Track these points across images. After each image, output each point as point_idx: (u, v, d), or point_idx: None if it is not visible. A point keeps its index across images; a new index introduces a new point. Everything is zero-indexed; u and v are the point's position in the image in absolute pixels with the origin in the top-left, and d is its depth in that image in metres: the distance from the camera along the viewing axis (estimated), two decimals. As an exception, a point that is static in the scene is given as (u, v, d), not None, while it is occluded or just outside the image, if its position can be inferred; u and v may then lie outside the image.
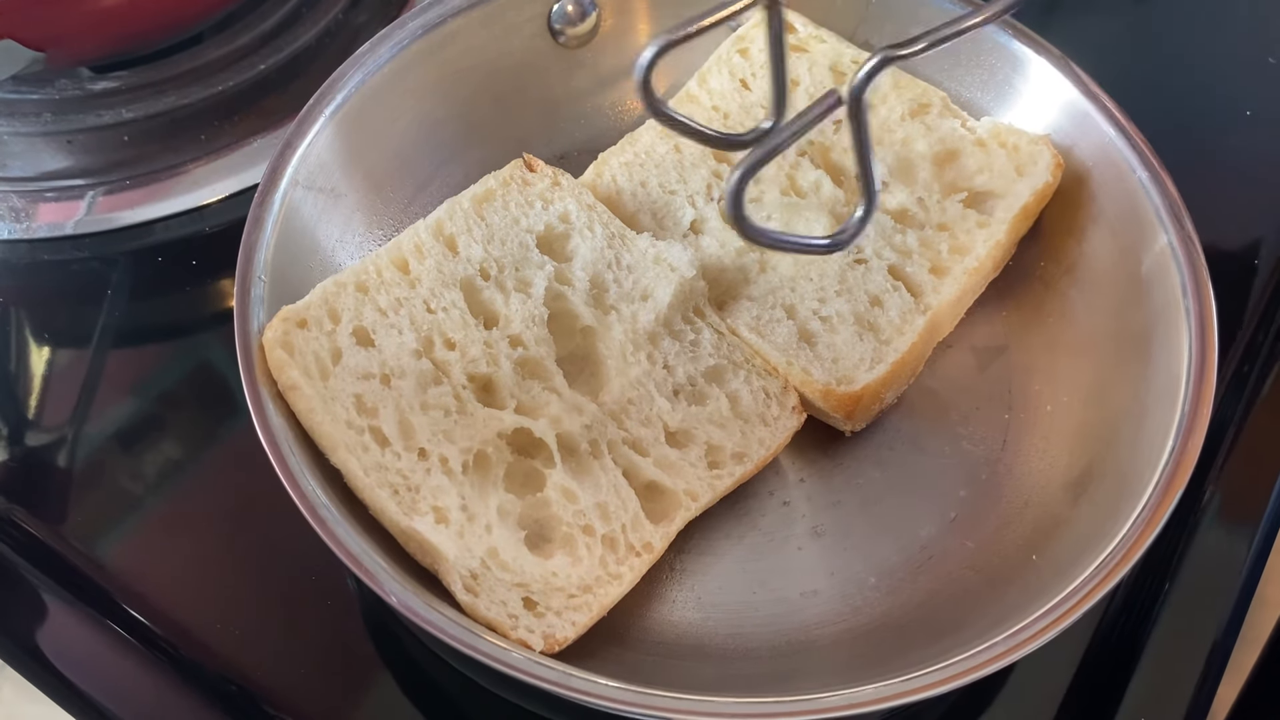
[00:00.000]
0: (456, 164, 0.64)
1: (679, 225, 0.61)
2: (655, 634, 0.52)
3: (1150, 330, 0.55)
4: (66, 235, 0.67)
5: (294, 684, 0.53)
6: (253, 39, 0.73)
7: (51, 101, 0.69)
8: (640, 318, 0.56)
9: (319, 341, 0.51)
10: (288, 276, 0.54)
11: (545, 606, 0.48)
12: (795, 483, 0.58)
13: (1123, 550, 0.47)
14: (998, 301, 0.62)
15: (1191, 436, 0.49)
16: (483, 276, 0.55)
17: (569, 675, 0.43)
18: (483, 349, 0.53)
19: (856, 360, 0.56)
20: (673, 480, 0.52)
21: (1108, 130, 0.59)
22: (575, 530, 0.50)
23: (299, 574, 0.56)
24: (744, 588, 0.54)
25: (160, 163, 0.70)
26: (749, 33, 0.66)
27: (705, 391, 0.55)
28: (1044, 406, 0.59)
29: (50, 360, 0.64)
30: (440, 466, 0.49)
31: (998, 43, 0.63)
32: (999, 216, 0.60)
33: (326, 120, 0.58)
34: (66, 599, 0.55)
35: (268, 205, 0.54)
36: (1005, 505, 0.56)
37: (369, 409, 0.50)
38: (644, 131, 0.64)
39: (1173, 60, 0.81)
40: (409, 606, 0.44)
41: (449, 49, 0.63)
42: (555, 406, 0.53)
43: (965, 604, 0.52)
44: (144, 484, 0.59)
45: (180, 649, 0.54)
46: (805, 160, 0.63)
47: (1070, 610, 0.45)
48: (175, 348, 0.65)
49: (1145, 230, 0.57)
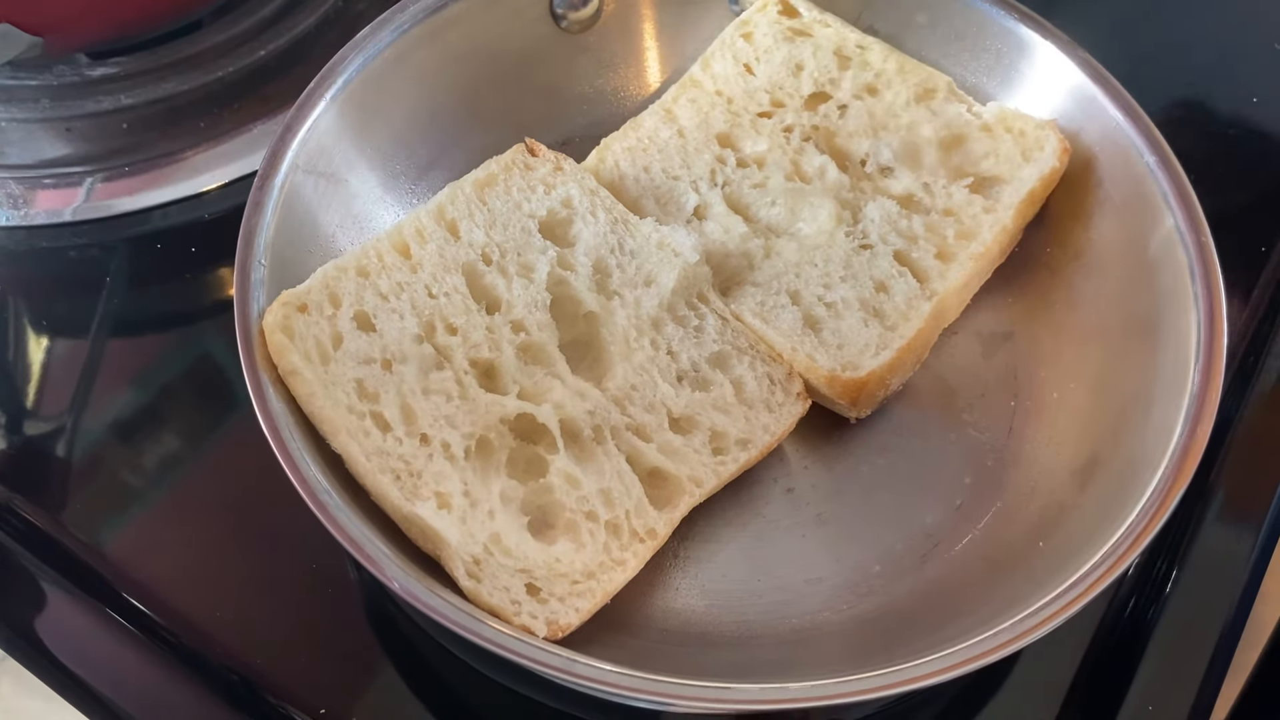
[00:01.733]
0: (458, 149, 0.64)
1: (683, 210, 0.60)
2: (659, 621, 0.52)
3: (1157, 316, 0.54)
4: (65, 222, 0.67)
5: (295, 672, 0.53)
6: (252, 25, 0.73)
7: (50, 87, 0.69)
8: (644, 303, 0.56)
9: (319, 326, 0.51)
10: (288, 261, 0.53)
11: (549, 593, 0.47)
12: (800, 470, 0.57)
13: (1130, 538, 0.47)
14: (1004, 288, 0.62)
15: (1199, 423, 0.49)
16: (485, 261, 0.55)
17: (572, 661, 0.43)
18: (485, 334, 0.53)
19: (862, 346, 0.56)
20: (676, 466, 0.52)
21: (1115, 115, 0.59)
22: (579, 516, 0.50)
23: (300, 562, 0.55)
24: (748, 575, 0.54)
25: (159, 149, 0.69)
26: (753, 17, 0.66)
27: (709, 377, 0.55)
28: (1050, 393, 0.58)
29: (49, 348, 0.64)
30: (442, 452, 0.49)
31: (1004, 27, 0.63)
32: (1005, 202, 0.60)
33: (328, 104, 0.57)
34: (66, 588, 0.55)
35: (268, 189, 0.54)
36: (1011, 492, 0.56)
37: (370, 394, 0.50)
38: (647, 116, 0.64)
39: (1180, 46, 0.80)
40: (411, 592, 0.44)
41: (451, 33, 0.62)
42: (558, 392, 0.52)
43: (970, 591, 0.51)
44: (144, 472, 0.59)
45: (181, 638, 0.53)
46: (810, 145, 0.62)
47: (1077, 598, 0.45)
48: (175, 335, 0.65)
49: (1152, 215, 0.56)
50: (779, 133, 0.63)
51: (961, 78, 0.64)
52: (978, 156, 0.62)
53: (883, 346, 0.56)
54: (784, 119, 0.63)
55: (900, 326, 0.57)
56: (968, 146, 0.62)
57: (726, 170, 0.62)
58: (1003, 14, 0.62)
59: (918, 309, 0.57)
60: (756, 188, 0.61)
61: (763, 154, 0.63)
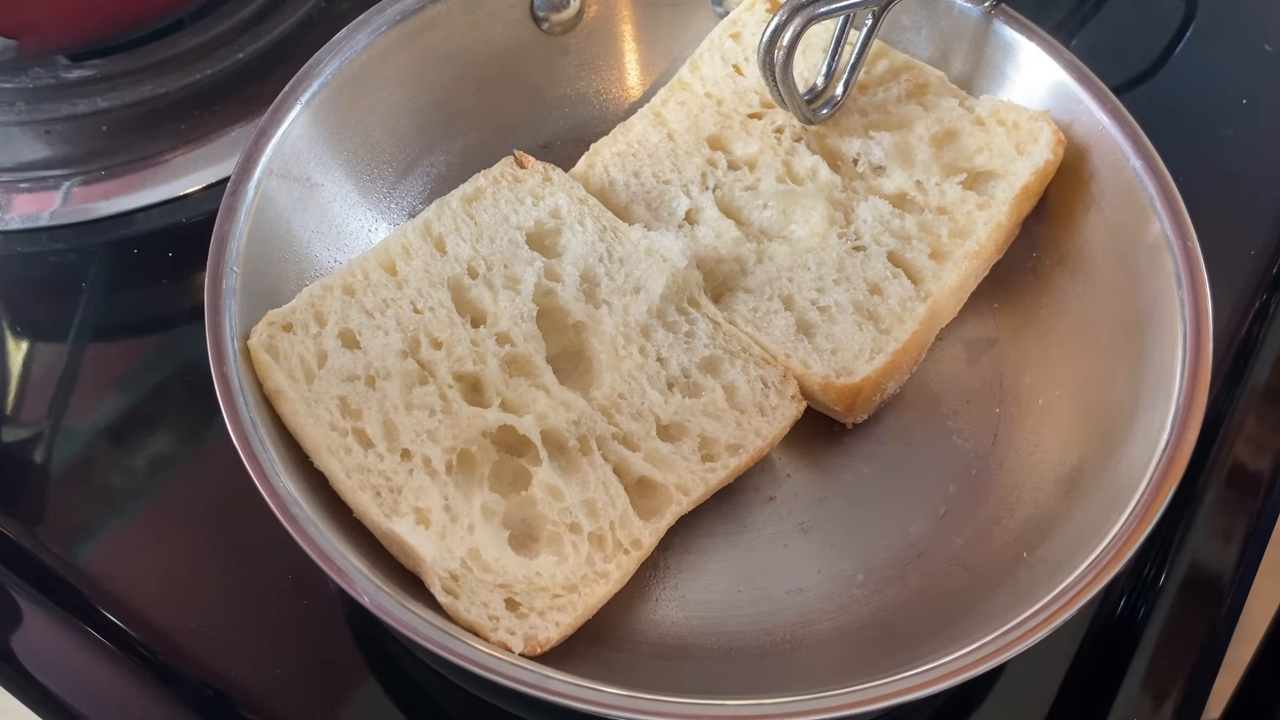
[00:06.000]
0: (438, 152, 0.63)
1: (674, 215, 0.60)
2: (638, 633, 0.52)
3: (1144, 322, 0.54)
4: (42, 226, 0.66)
5: (273, 687, 0.52)
6: (232, 26, 0.72)
7: (26, 90, 0.68)
8: (632, 310, 0.55)
9: (304, 345, 0.51)
10: (261, 269, 0.53)
11: (528, 607, 0.47)
12: (783, 478, 0.57)
13: (1115, 547, 0.46)
14: (989, 293, 0.61)
15: (1186, 431, 0.49)
16: (470, 275, 0.55)
17: (545, 677, 0.42)
18: (469, 347, 0.53)
19: (856, 351, 0.55)
20: (664, 475, 0.52)
21: (1101, 118, 0.58)
22: (561, 528, 0.49)
23: (278, 575, 0.55)
24: (729, 585, 0.53)
25: (138, 152, 0.68)
26: (741, 17, 0.65)
27: (700, 383, 0.54)
28: (1035, 400, 0.58)
29: (26, 355, 0.63)
30: (423, 467, 0.49)
31: (989, 29, 0.62)
32: (999, 197, 0.59)
33: (303, 108, 0.57)
34: (40, 601, 0.54)
35: (241, 195, 0.53)
36: (996, 501, 0.55)
37: (353, 411, 0.50)
38: (636, 120, 0.63)
39: (1168, 47, 0.80)
40: (382, 607, 0.43)
41: (429, 35, 0.61)
42: (542, 403, 0.52)
43: (955, 602, 0.51)
44: (122, 482, 0.58)
45: (157, 652, 0.53)
46: (801, 146, 0.62)
47: (1061, 609, 0.45)
48: (154, 342, 0.64)
49: (1139, 219, 0.55)
50: (770, 134, 0.62)
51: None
52: (971, 151, 0.61)
53: (877, 350, 0.55)
54: (774, 120, 0.63)
55: (895, 329, 0.56)
56: (960, 142, 0.61)
57: (718, 173, 0.61)
58: (988, 17, 0.62)
59: (912, 311, 0.56)
60: (748, 190, 0.61)
61: (754, 155, 0.62)
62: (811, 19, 0.55)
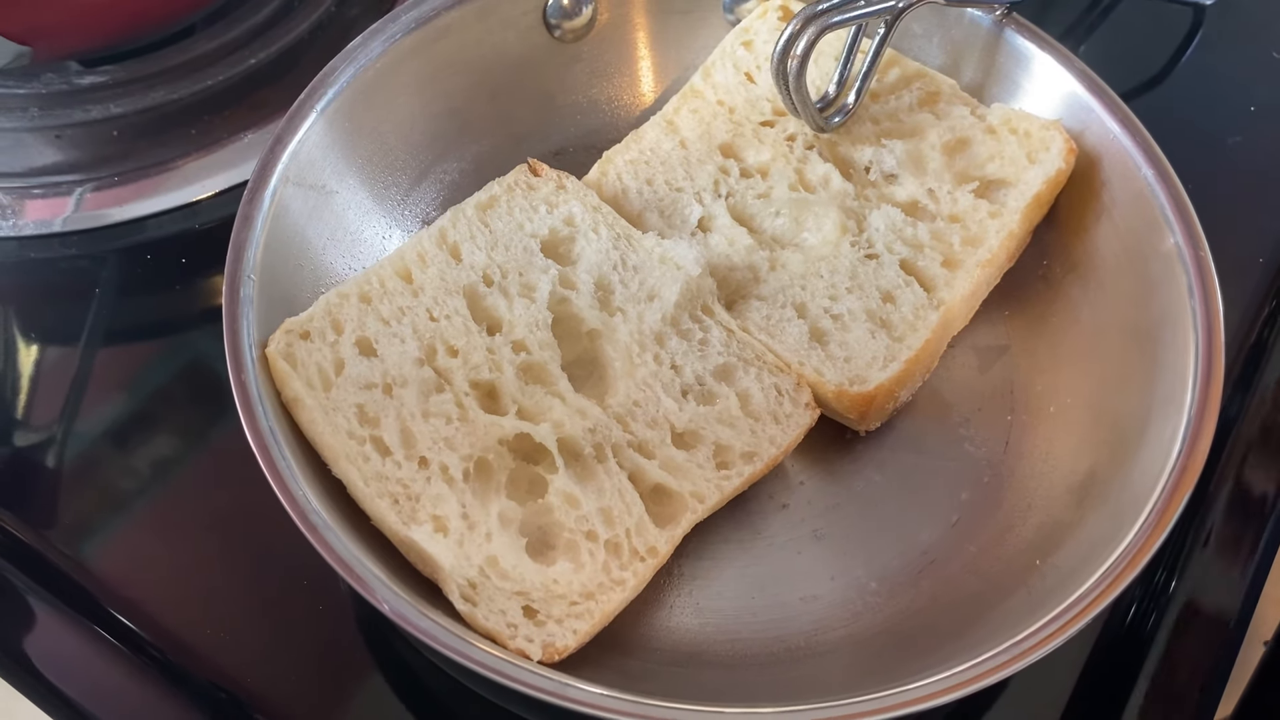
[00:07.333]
0: (451, 160, 0.63)
1: (687, 223, 0.60)
2: (653, 641, 0.52)
3: (1156, 331, 0.54)
4: (55, 233, 0.66)
5: (285, 691, 0.52)
6: (244, 32, 0.72)
7: (38, 96, 0.68)
8: (646, 318, 0.55)
9: (322, 353, 0.51)
10: (277, 276, 0.53)
11: (546, 615, 0.47)
12: (795, 485, 0.57)
13: (1128, 556, 0.46)
14: (1000, 301, 0.61)
15: (1198, 441, 0.49)
16: (486, 283, 0.55)
17: (565, 685, 0.42)
18: (485, 355, 0.53)
19: (869, 359, 0.55)
20: (679, 483, 0.52)
21: (1113, 127, 0.58)
22: (578, 536, 0.49)
23: (291, 578, 0.55)
24: (743, 593, 0.53)
25: (150, 158, 0.68)
26: (753, 25, 0.66)
27: (714, 391, 0.55)
28: (1047, 408, 0.58)
29: (38, 360, 0.63)
30: (441, 474, 0.49)
31: (1001, 38, 0.62)
32: (1011, 206, 0.59)
33: (318, 116, 0.57)
34: (53, 604, 0.54)
35: (257, 203, 0.53)
36: (1008, 509, 0.55)
37: (371, 419, 0.50)
38: (649, 128, 0.63)
39: (1177, 55, 0.80)
40: (402, 614, 0.43)
41: (443, 43, 0.62)
42: (558, 411, 0.52)
43: (967, 609, 0.51)
44: (133, 485, 0.58)
45: (169, 655, 0.53)
46: (813, 154, 0.62)
47: (1074, 619, 0.45)
48: (165, 347, 0.64)
49: (1151, 229, 0.56)
50: (782, 141, 0.62)
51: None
52: (982, 160, 0.61)
53: (890, 359, 0.55)
54: (786, 127, 0.63)
55: (908, 337, 0.56)
56: (972, 150, 0.62)
57: (730, 181, 0.61)
58: (1000, 25, 0.62)
59: (925, 319, 0.57)
60: (761, 198, 0.61)
61: (766, 163, 0.62)
62: (825, 28, 0.55)
